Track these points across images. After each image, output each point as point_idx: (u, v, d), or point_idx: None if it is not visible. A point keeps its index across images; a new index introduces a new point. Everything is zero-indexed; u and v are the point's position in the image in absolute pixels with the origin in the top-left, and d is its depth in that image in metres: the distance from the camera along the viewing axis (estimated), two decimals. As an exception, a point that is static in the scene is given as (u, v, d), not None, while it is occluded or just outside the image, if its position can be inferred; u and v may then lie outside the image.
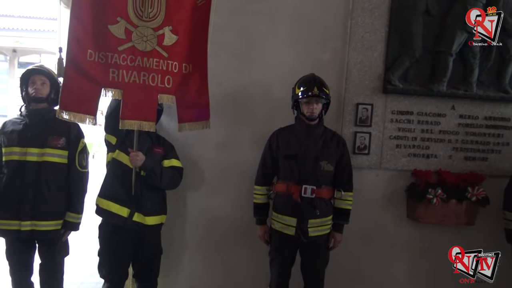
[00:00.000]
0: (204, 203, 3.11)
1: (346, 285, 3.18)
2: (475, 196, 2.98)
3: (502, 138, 3.16)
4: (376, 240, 3.17)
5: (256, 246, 2.93)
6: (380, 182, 3.14)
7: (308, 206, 2.60)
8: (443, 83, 3.01)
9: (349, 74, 3.03)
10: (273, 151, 2.72)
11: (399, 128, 3.09)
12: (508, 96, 3.08)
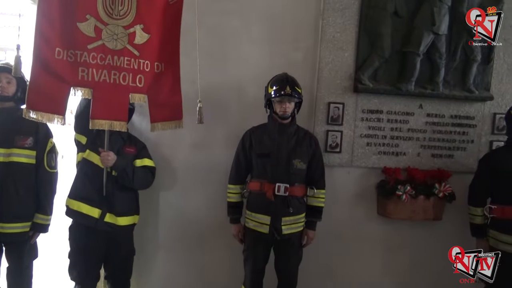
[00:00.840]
0: (177, 202, 3.09)
1: (319, 281, 3.23)
2: (442, 192, 3.08)
3: (467, 136, 3.27)
4: (348, 236, 3.23)
5: (230, 245, 2.94)
6: (352, 179, 3.20)
7: (281, 204, 2.63)
8: (411, 82, 3.09)
9: (321, 74, 3.07)
10: (246, 150, 2.73)
11: (370, 126, 3.16)
12: (472, 96, 3.18)
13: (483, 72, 3.19)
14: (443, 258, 3.32)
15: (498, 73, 3.23)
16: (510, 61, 3.23)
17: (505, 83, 3.25)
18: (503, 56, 3.22)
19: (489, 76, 3.20)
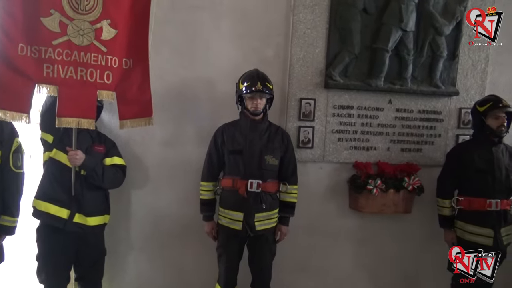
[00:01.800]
0: (149, 201, 3.05)
1: (293, 276, 3.26)
2: (411, 186, 3.15)
3: (434, 130, 3.35)
4: (320, 231, 3.26)
5: (204, 243, 2.93)
6: (324, 174, 3.23)
7: (254, 200, 2.64)
8: (380, 78, 3.14)
9: (292, 70, 3.08)
10: (218, 146, 2.72)
11: (341, 122, 3.19)
12: (439, 91, 3.26)
13: (449, 68, 3.28)
14: (413, 249, 3.43)
15: (463, 68, 3.32)
16: (475, 57, 3.33)
17: (470, 78, 3.35)
18: (467, 52, 3.32)
19: (455, 72, 3.30)
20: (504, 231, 2.91)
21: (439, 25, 3.16)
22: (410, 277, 3.44)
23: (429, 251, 3.36)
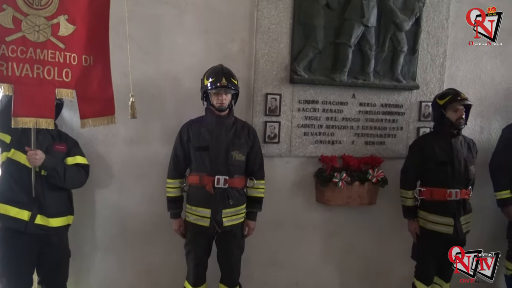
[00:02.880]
0: (114, 200, 2.99)
1: (262, 270, 3.28)
2: (375, 178, 3.22)
3: (396, 123, 3.44)
4: (288, 224, 3.29)
5: (172, 240, 2.90)
6: (291, 169, 3.26)
7: (221, 196, 2.63)
8: (344, 73, 3.19)
9: (257, 65, 3.08)
10: (184, 143, 2.70)
11: (306, 116, 3.23)
12: (400, 85, 3.34)
13: (409, 63, 3.36)
14: (378, 240, 3.52)
15: (423, 63, 3.42)
16: (433, 52, 3.43)
17: (429, 72, 3.45)
18: (426, 47, 3.41)
19: (415, 66, 3.38)
20: (463, 219, 3.03)
21: (399, 21, 3.23)
22: (375, 267, 3.53)
23: (394, 241, 3.46)
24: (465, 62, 3.58)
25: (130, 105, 2.50)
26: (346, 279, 3.49)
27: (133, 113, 2.52)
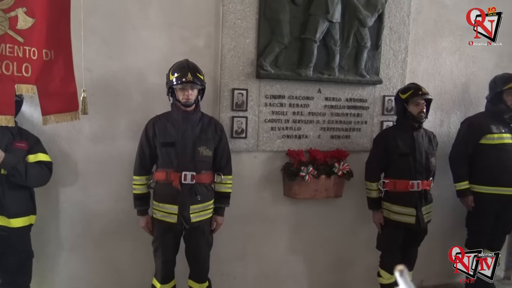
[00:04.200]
0: (79, 198, 2.92)
1: (231, 265, 3.30)
2: (341, 171, 3.29)
3: (361, 117, 3.52)
4: (256, 219, 3.32)
5: (139, 238, 2.88)
6: (258, 163, 3.28)
7: (188, 192, 2.63)
8: (309, 68, 3.23)
9: (224, 60, 3.08)
10: (150, 139, 2.67)
11: (273, 111, 3.25)
12: (364, 80, 3.42)
13: (372, 58, 3.44)
14: (345, 231, 3.60)
15: (386, 58, 3.51)
16: (395, 48, 3.53)
17: (391, 67, 3.54)
18: (389, 43, 3.50)
19: (378, 62, 3.46)
20: (424, 209, 3.14)
21: (362, 17, 3.30)
22: (342, 258, 3.61)
23: (359, 232, 3.55)
24: (425, 57, 3.69)
25: (82, 101, 2.39)
26: (314, 271, 3.56)
27: (84, 108, 2.41)
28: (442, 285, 3.94)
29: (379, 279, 3.26)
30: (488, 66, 3.86)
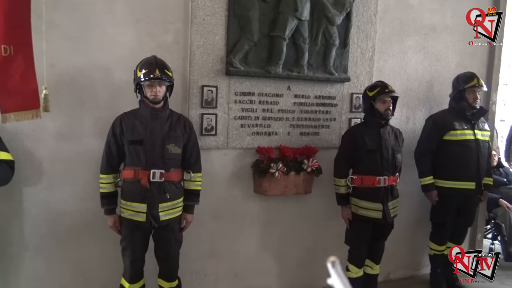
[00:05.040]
0: (43, 198, 2.84)
1: (201, 263, 3.28)
2: (310, 167, 3.32)
3: (329, 115, 3.56)
4: (227, 216, 3.32)
5: (107, 237, 2.83)
6: (228, 161, 3.28)
7: (157, 190, 2.60)
8: (279, 65, 3.24)
9: (193, 57, 3.05)
10: (117, 137, 2.62)
11: (243, 108, 3.25)
12: (333, 77, 3.46)
13: (341, 56, 3.48)
14: (314, 227, 3.64)
15: (353, 56, 3.56)
16: (363, 46, 3.59)
17: (359, 65, 3.61)
18: (357, 41, 3.56)
19: (346, 60, 3.52)
20: (391, 204, 3.22)
21: (331, 15, 3.34)
22: (312, 253, 3.65)
23: (328, 227, 3.60)
24: (392, 56, 3.78)
25: (43, 98, 2.33)
26: (284, 267, 3.59)
27: (45, 106, 2.34)
28: (408, 277, 4.05)
29: (348, 273, 3.32)
30: (451, 65, 3.99)
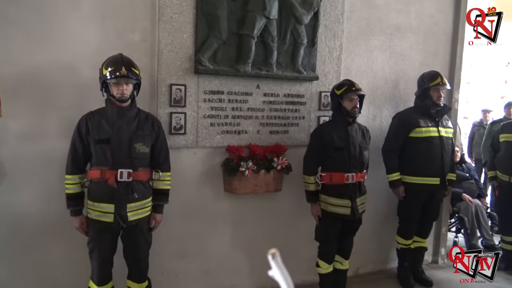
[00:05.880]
0: (6, 200, 2.74)
1: (172, 263, 3.25)
2: (280, 165, 3.34)
3: (298, 113, 3.59)
4: (197, 215, 3.29)
5: (73, 239, 2.75)
6: (198, 160, 3.26)
7: (125, 190, 2.56)
8: (248, 64, 3.25)
9: (161, 55, 3.02)
10: (82, 136, 2.56)
11: (212, 107, 3.24)
12: (302, 76, 3.50)
13: (309, 55, 3.52)
14: (285, 225, 3.67)
15: (321, 55, 3.61)
16: (331, 45, 3.64)
17: (327, 64, 3.66)
18: (324, 40, 3.61)
19: (314, 58, 3.55)
20: (359, 200, 3.28)
21: (299, 14, 3.37)
22: (282, 250, 3.54)
23: (299, 224, 3.63)
24: (358, 55, 3.85)
25: None
26: (256, 264, 3.59)
27: None
28: (377, 272, 4.14)
29: (318, 269, 3.37)
30: (415, 64, 4.10)
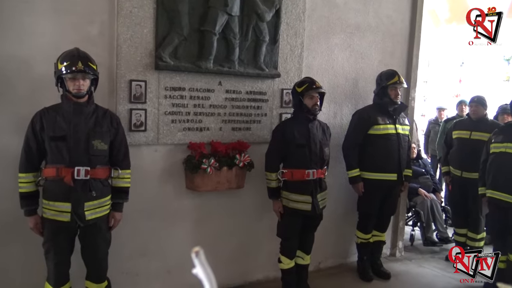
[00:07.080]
0: (-47, 200, 2.62)
1: (132, 262, 3.19)
2: (242, 162, 3.34)
3: (261, 110, 3.61)
4: (159, 213, 3.25)
5: (28, 240, 2.66)
6: (159, 157, 3.21)
7: (82, 188, 2.50)
8: (209, 60, 3.22)
9: (120, 50, 2.95)
10: (37, 133, 2.47)
11: (173, 104, 3.20)
12: (264, 73, 3.51)
13: (271, 52, 3.54)
14: (247, 221, 3.68)
15: (283, 53, 3.64)
16: (292, 43, 3.68)
17: (289, 62, 3.69)
18: (286, 38, 3.64)
19: (276, 56, 3.58)
20: (320, 196, 3.34)
21: (260, 11, 3.37)
22: (245, 247, 3.69)
23: (261, 221, 3.65)
24: (320, 53, 3.91)
25: None
26: (218, 262, 3.56)
27: None
28: (338, 266, 4.23)
29: (280, 264, 3.41)
30: (374, 62, 4.21)
